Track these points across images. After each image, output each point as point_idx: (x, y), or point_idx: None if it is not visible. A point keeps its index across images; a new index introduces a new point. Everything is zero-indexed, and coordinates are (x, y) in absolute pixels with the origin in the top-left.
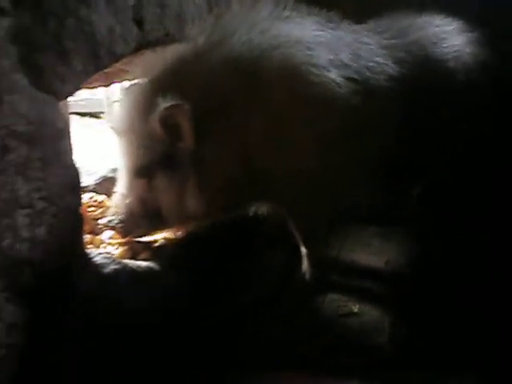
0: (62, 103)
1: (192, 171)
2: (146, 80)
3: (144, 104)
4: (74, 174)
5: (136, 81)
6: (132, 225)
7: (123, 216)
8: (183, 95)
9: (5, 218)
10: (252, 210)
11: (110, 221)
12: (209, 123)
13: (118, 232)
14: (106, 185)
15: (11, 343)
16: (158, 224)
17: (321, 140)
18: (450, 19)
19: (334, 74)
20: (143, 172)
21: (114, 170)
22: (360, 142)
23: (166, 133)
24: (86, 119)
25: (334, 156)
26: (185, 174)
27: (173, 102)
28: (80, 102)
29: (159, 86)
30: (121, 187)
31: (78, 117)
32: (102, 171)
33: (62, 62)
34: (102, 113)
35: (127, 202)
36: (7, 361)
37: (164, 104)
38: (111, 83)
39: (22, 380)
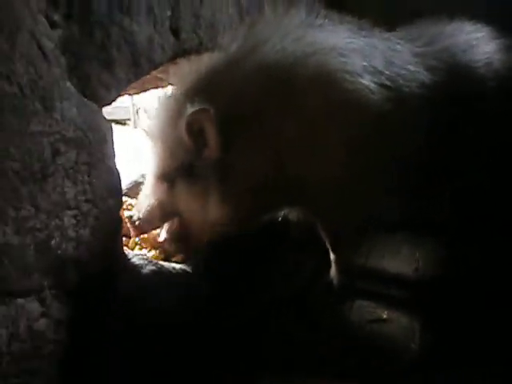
0: None
1: (216, 181)
2: (179, 88)
3: (174, 110)
4: (116, 177)
5: (170, 88)
6: (147, 225)
7: (142, 214)
8: (213, 102)
9: (54, 219)
10: (282, 214)
11: (131, 216)
12: (240, 131)
13: (133, 227)
14: (136, 189)
15: (58, 339)
16: (177, 228)
17: (355, 146)
18: (479, 26)
19: (367, 81)
20: (166, 177)
21: (145, 176)
22: (392, 149)
23: (192, 140)
24: (113, 126)
25: (367, 162)
26: (208, 183)
27: (198, 107)
28: (107, 109)
29: (190, 94)
30: (146, 188)
31: None
32: (133, 176)
33: (106, 70)
34: (129, 120)
35: (149, 202)
36: (54, 356)
37: (191, 109)
38: (146, 90)
39: (68, 376)
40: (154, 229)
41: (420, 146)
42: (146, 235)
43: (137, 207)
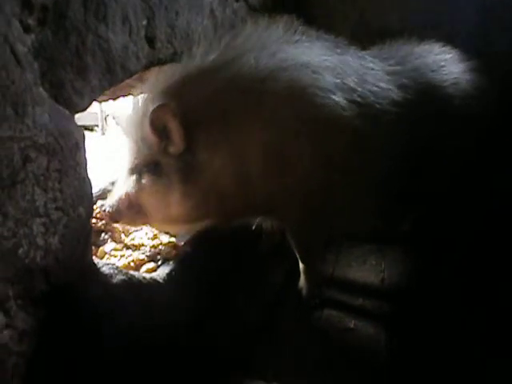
0: None
1: (179, 179)
2: (149, 92)
3: (142, 110)
4: (87, 185)
5: (141, 95)
6: (117, 214)
7: (112, 205)
8: (180, 102)
9: (22, 227)
10: (255, 222)
11: (102, 205)
12: (206, 135)
13: (104, 217)
14: (105, 196)
15: (22, 351)
16: (140, 220)
17: (323, 161)
18: (448, 48)
19: (339, 97)
20: (134, 170)
21: (114, 183)
22: (362, 163)
23: (156, 135)
24: None
25: (335, 177)
26: (171, 181)
27: (159, 103)
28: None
29: (159, 96)
30: (119, 180)
31: None
32: (102, 184)
33: (80, 76)
34: (97, 126)
35: (118, 193)
36: (17, 368)
37: (153, 106)
38: (117, 97)
39: None
40: (123, 220)
41: (390, 160)
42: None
43: (109, 198)
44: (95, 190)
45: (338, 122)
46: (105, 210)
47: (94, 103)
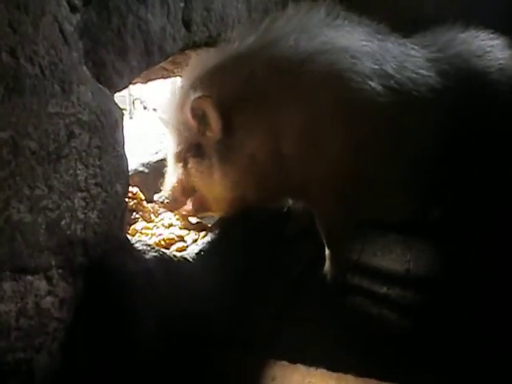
0: None
1: (219, 159)
2: (187, 78)
3: (181, 98)
4: (124, 163)
5: (174, 80)
6: (175, 202)
7: (167, 194)
8: (218, 88)
9: (65, 200)
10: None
11: (160, 196)
12: (244, 117)
13: (166, 207)
14: (137, 178)
15: (62, 317)
16: (198, 203)
17: (357, 146)
18: (495, 35)
19: (375, 83)
20: (179, 157)
21: (144, 165)
22: (395, 151)
23: (196, 122)
24: None
25: (367, 163)
26: (212, 162)
27: (199, 94)
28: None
29: (197, 83)
30: (168, 169)
31: None
32: (133, 165)
33: (120, 57)
34: (125, 109)
35: (171, 182)
36: (57, 334)
37: (193, 95)
38: (150, 80)
39: (69, 354)
40: (183, 205)
41: (424, 148)
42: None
43: (163, 187)
44: None
45: (373, 108)
46: (162, 202)
47: None
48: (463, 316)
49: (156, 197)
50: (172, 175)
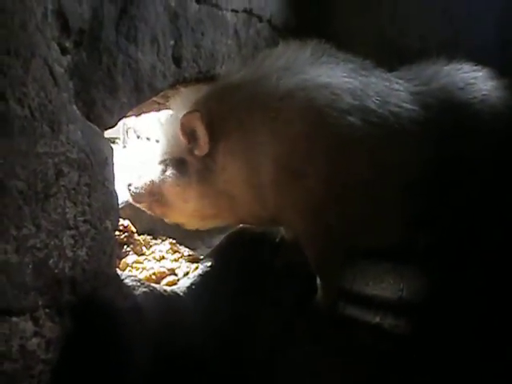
0: None
1: (198, 178)
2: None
3: (175, 114)
4: (114, 199)
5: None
6: (138, 197)
7: (137, 188)
8: (208, 111)
9: (53, 238)
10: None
11: (129, 184)
12: (225, 143)
13: (131, 197)
14: (128, 210)
15: (48, 358)
16: (159, 208)
17: (331, 177)
18: (478, 67)
19: (354, 118)
20: (161, 162)
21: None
22: (377, 183)
23: (185, 137)
24: None
25: (348, 194)
26: (191, 180)
27: (192, 110)
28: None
29: (190, 104)
30: (150, 166)
31: None
32: (125, 196)
33: (110, 95)
34: (118, 138)
35: (145, 179)
36: (43, 375)
37: (185, 112)
38: (142, 113)
39: None
40: (143, 203)
41: (409, 179)
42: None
43: (136, 181)
44: (119, 201)
45: (352, 142)
46: (130, 190)
47: None
48: (457, 343)
49: (126, 183)
50: (149, 174)
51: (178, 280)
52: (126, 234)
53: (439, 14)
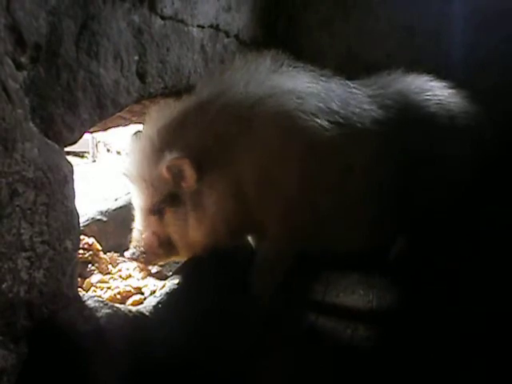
0: None
1: (193, 207)
2: (152, 131)
3: (152, 154)
4: (74, 218)
5: (135, 127)
6: (151, 255)
7: (142, 248)
8: (186, 145)
9: (7, 261)
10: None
11: (133, 253)
12: (208, 164)
13: (141, 262)
14: (95, 227)
15: None
16: (172, 253)
17: (304, 179)
18: (437, 79)
19: (321, 120)
20: (154, 210)
21: (102, 213)
22: (347, 183)
23: (171, 177)
24: (71, 158)
25: (318, 196)
26: (187, 209)
27: (176, 155)
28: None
29: (165, 138)
30: (138, 224)
31: None
32: (90, 213)
33: (71, 111)
34: (87, 152)
35: (144, 236)
36: None
37: (170, 156)
38: (108, 129)
39: None
40: (160, 258)
41: (375, 179)
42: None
43: (134, 243)
44: (84, 218)
45: (322, 143)
46: (136, 258)
47: None
48: (427, 354)
49: (127, 254)
50: (144, 229)
51: (145, 299)
52: (90, 252)
53: (404, 32)
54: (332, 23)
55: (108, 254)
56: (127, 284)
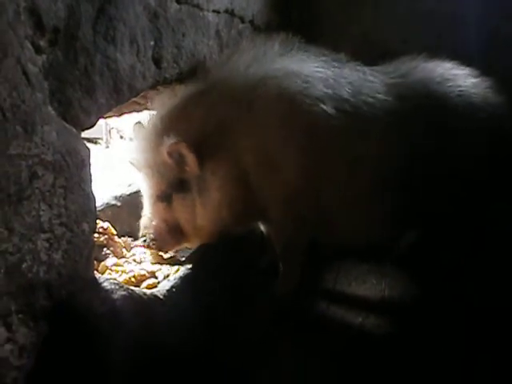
0: None
1: (197, 190)
2: (156, 117)
3: (154, 141)
4: (91, 201)
5: (146, 113)
6: (162, 242)
7: (153, 235)
8: (186, 129)
9: (27, 242)
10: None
11: (144, 240)
12: (210, 149)
13: (153, 248)
14: (109, 212)
15: (22, 365)
16: (182, 239)
17: (305, 166)
18: (460, 65)
19: (327, 106)
20: (162, 197)
21: (117, 198)
22: (350, 173)
23: (174, 161)
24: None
25: (320, 183)
26: (194, 195)
27: (174, 140)
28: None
29: (166, 125)
30: (147, 211)
31: None
32: (105, 198)
33: (88, 95)
34: (101, 139)
35: (153, 223)
36: (16, 383)
37: (168, 141)
38: (122, 114)
39: None
40: (172, 244)
41: (384, 170)
42: None
43: (144, 231)
44: (98, 203)
45: (325, 130)
46: (148, 245)
47: None
48: (438, 344)
49: (139, 241)
50: (153, 216)
51: (159, 283)
52: (105, 236)
53: (421, 17)
54: (347, 8)
55: (122, 238)
56: (142, 268)
